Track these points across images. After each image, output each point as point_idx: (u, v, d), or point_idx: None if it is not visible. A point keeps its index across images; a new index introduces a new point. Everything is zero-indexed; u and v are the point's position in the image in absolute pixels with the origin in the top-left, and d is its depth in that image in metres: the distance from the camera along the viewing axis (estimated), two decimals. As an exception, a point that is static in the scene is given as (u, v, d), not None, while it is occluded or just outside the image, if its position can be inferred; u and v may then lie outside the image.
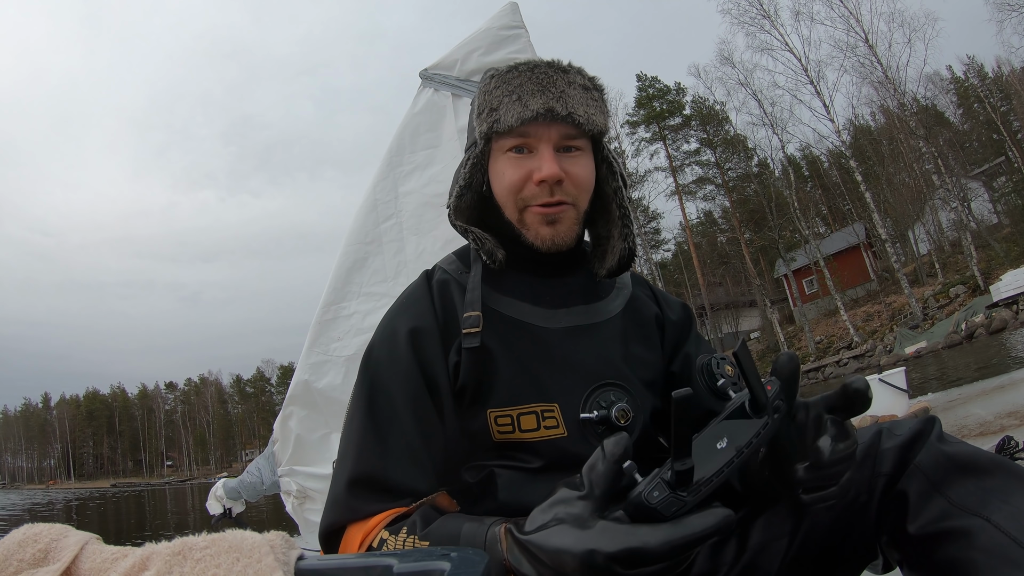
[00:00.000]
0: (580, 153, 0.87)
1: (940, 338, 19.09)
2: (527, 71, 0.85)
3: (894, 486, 0.69)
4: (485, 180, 0.91)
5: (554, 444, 0.81)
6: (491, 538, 0.61)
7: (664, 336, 0.97)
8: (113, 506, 27.66)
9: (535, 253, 0.88)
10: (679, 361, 0.95)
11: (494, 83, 0.87)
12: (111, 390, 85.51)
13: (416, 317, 0.86)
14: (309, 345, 2.16)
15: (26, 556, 0.46)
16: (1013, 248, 22.43)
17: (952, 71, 34.33)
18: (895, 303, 25.29)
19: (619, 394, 0.84)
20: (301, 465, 2.19)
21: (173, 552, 0.46)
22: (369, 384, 0.84)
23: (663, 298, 1.02)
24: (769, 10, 25.45)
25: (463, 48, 2.22)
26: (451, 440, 0.83)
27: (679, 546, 0.49)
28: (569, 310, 0.90)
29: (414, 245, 2.16)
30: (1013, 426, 3.84)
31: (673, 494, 0.51)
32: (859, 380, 0.60)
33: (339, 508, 0.77)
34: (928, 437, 0.69)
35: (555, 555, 0.52)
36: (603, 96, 0.90)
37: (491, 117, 0.85)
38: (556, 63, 0.88)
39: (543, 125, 0.84)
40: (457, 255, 0.97)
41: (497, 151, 0.88)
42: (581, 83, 0.87)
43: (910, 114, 24.02)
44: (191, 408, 79.01)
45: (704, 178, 34.83)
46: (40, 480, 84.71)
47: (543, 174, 0.83)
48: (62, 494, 50.18)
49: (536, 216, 0.86)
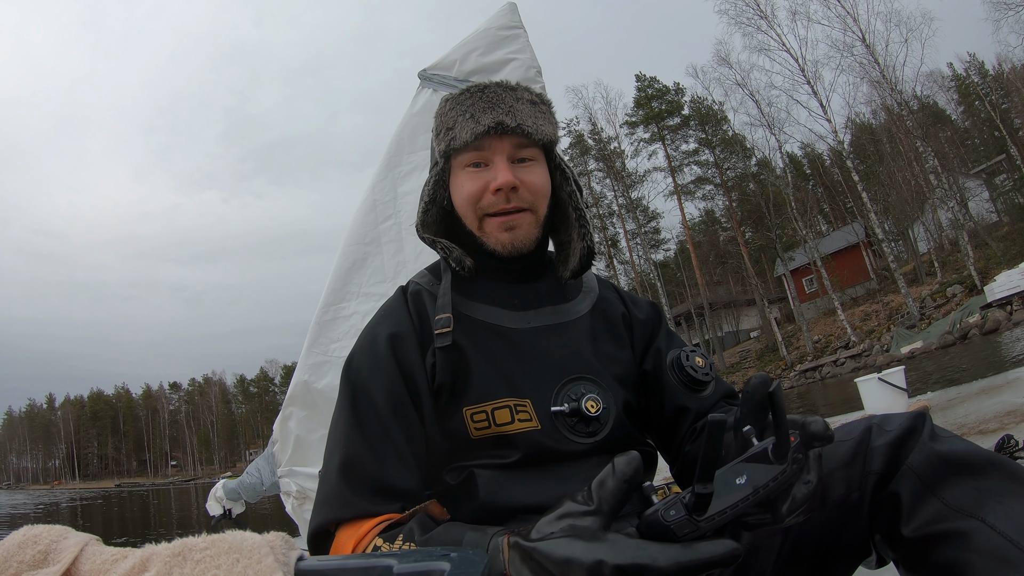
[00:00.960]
0: (533, 163, 0.93)
1: (935, 338, 19.07)
2: (478, 92, 0.92)
3: (886, 485, 0.68)
4: (447, 195, 0.97)
5: (529, 436, 0.84)
6: (493, 548, 0.61)
7: (633, 334, 1.00)
8: (118, 506, 27.81)
9: (499, 260, 0.93)
10: (650, 358, 0.98)
11: (448, 106, 0.94)
12: (115, 391, 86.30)
13: (394, 324, 0.90)
14: (308, 346, 2.16)
15: (26, 558, 0.46)
16: (1011, 247, 22.42)
17: (953, 68, 34.41)
18: (893, 302, 25.30)
19: (589, 387, 0.88)
20: (301, 466, 2.19)
21: (173, 553, 0.46)
22: (352, 389, 0.86)
23: (629, 299, 1.06)
24: (766, 10, 25.45)
25: (462, 48, 2.22)
26: (432, 441, 0.86)
27: (686, 568, 0.49)
28: (538, 311, 0.94)
29: (413, 245, 2.16)
30: (1012, 424, 3.84)
31: (689, 517, 0.51)
32: (817, 423, 0.53)
33: (331, 506, 0.77)
34: (920, 435, 0.69)
35: (562, 564, 0.52)
36: (550, 110, 0.96)
37: (448, 136, 0.92)
38: (505, 83, 0.94)
39: (495, 138, 0.90)
40: (429, 270, 1.03)
41: (456, 167, 0.94)
42: (529, 98, 0.93)
43: (908, 113, 24.03)
44: (195, 408, 79.43)
45: (703, 178, 34.88)
46: (45, 480, 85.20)
47: (498, 182, 0.88)
48: (67, 494, 50.47)
49: (494, 224, 0.91)
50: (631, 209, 35.74)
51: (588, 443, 0.85)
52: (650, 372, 0.97)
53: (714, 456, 0.51)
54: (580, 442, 0.85)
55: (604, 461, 0.84)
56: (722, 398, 0.95)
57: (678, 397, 0.93)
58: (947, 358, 14.70)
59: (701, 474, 0.51)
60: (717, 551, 0.49)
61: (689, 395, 0.92)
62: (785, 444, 0.55)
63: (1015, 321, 17.35)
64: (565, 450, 0.84)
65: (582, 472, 0.83)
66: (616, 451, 0.87)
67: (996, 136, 28.61)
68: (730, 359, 32.79)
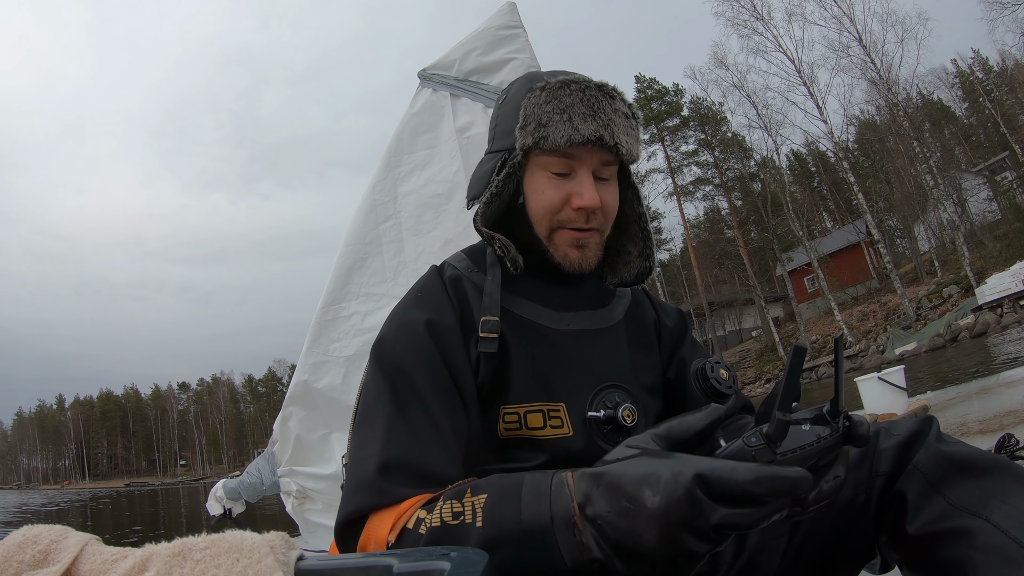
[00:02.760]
0: (609, 182, 0.88)
1: (927, 340, 19.00)
2: (578, 91, 0.84)
3: (892, 486, 0.69)
4: (515, 191, 0.91)
5: (559, 443, 0.82)
6: (557, 483, 0.59)
7: (661, 341, 0.99)
8: (127, 505, 28.03)
9: (556, 268, 0.89)
10: (674, 367, 0.97)
11: (544, 96, 0.85)
12: (124, 391, 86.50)
13: (432, 310, 0.84)
14: (308, 346, 2.16)
15: (26, 558, 0.46)
16: (1007, 248, 22.36)
17: (957, 65, 34.33)
18: (890, 302, 25.30)
19: (623, 396, 0.86)
20: (301, 465, 2.19)
21: (173, 553, 0.46)
22: (389, 372, 0.80)
23: (659, 305, 1.05)
24: (762, 12, 25.43)
25: (461, 48, 2.21)
26: (474, 430, 0.81)
27: (764, 481, 0.48)
28: (577, 314, 0.91)
29: (413, 245, 2.16)
30: (1013, 424, 3.84)
31: (768, 446, 0.51)
32: (864, 425, 0.56)
33: (367, 493, 0.71)
34: (926, 437, 0.69)
35: (639, 481, 0.51)
36: (639, 124, 0.90)
37: (538, 132, 0.84)
38: (605, 86, 0.87)
39: (587, 150, 0.83)
40: (467, 253, 0.96)
41: (536, 167, 0.87)
42: (624, 111, 0.86)
43: (904, 114, 24.01)
44: (204, 408, 79.68)
45: (702, 179, 34.84)
46: (55, 480, 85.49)
47: (584, 202, 0.83)
48: (77, 494, 50.80)
49: (567, 238, 0.87)
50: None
51: None
52: (673, 380, 0.96)
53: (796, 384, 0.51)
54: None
55: None
56: (740, 410, 0.94)
57: (699, 407, 0.93)
58: (935, 362, 14.62)
59: (783, 402, 0.51)
60: (795, 473, 0.49)
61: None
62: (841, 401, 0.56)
63: (1004, 324, 17.28)
64: (594, 458, 0.83)
65: None
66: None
67: (1001, 132, 28.51)
68: (730, 359, 32.77)
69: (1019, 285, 17.72)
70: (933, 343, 18.50)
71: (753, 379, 28.15)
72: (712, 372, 0.79)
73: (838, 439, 0.55)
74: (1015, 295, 17.83)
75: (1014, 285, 17.85)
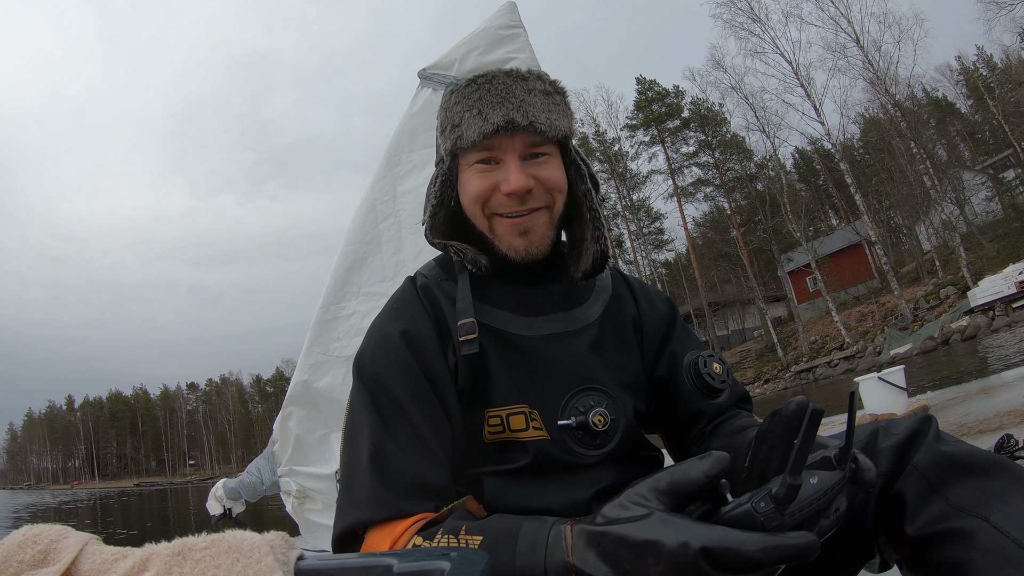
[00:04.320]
0: (548, 157, 0.86)
1: (920, 342, 18.87)
2: (485, 83, 0.84)
3: (891, 486, 0.69)
4: (454, 196, 0.91)
5: (540, 445, 0.82)
6: (554, 536, 0.59)
7: (643, 336, 0.97)
8: (136, 504, 28.29)
9: (512, 262, 0.88)
10: (665, 361, 0.95)
11: (454, 99, 0.86)
12: (133, 391, 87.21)
13: (408, 320, 0.85)
14: (308, 345, 2.16)
15: (26, 557, 0.46)
16: (1004, 249, 22.29)
17: (961, 62, 34.22)
18: (888, 303, 25.27)
19: (598, 398, 0.85)
20: (301, 465, 2.19)
21: (173, 553, 0.46)
22: (369, 387, 0.82)
23: (643, 295, 1.01)
24: (759, 13, 25.40)
25: (462, 47, 2.22)
26: (458, 437, 0.82)
27: (773, 554, 0.48)
28: (548, 317, 0.90)
29: (412, 244, 2.16)
30: (1012, 424, 3.84)
31: (777, 509, 0.51)
32: (871, 472, 0.57)
33: (362, 507, 0.73)
34: (925, 437, 0.69)
35: (641, 547, 0.50)
36: (565, 99, 0.88)
37: (454, 134, 0.85)
38: (515, 71, 0.87)
39: (506, 137, 0.83)
40: (438, 262, 0.97)
41: (464, 165, 0.87)
42: (541, 88, 0.85)
43: (901, 115, 24.00)
44: (212, 408, 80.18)
45: (703, 180, 34.84)
46: (65, 480, 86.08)
47: (511, 186, 0.82)
48: (87, 493, 51.29)
49: (507, 227, 0.86)
50: (634, 211, 35.72)
51: (596, 455, 0.83)
52: (664, 376, 0.94)
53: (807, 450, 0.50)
54: (588, 454, 0.83)
55: (613, 469, 0.85)
56: (736, 401, 0.94)
57: (693, 401, 0.92)
58: (926, 365, 14.49)
59: (794, 466, 0.50)
60: (802, 541, 0.49)
61: (704, 400, 0.89)
62: (849, 451, 0.55)
63: (994, 328, 17.11)
64: (573, 461, 0.83)
65: (590, 478, 0.82)
66: (625, 460, 0.87)
67: (1007, 128, 28.43)
68: (731, 358, 32.75)
69: (1011, 288, 17.56)
70: (925, 346, 18.35)
71: (753, 379, 28.15)
72: (705, 367, 0.78)
73: (844, 484, 0.55)
74: (1007, 298, 17.69)
75: (1006, 288, 17.68)
